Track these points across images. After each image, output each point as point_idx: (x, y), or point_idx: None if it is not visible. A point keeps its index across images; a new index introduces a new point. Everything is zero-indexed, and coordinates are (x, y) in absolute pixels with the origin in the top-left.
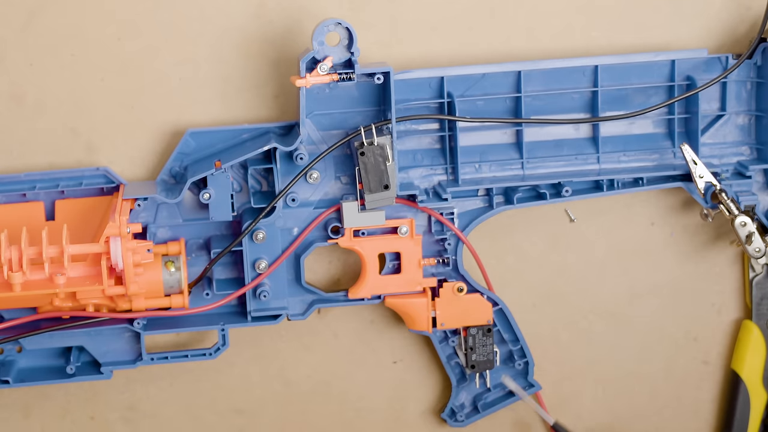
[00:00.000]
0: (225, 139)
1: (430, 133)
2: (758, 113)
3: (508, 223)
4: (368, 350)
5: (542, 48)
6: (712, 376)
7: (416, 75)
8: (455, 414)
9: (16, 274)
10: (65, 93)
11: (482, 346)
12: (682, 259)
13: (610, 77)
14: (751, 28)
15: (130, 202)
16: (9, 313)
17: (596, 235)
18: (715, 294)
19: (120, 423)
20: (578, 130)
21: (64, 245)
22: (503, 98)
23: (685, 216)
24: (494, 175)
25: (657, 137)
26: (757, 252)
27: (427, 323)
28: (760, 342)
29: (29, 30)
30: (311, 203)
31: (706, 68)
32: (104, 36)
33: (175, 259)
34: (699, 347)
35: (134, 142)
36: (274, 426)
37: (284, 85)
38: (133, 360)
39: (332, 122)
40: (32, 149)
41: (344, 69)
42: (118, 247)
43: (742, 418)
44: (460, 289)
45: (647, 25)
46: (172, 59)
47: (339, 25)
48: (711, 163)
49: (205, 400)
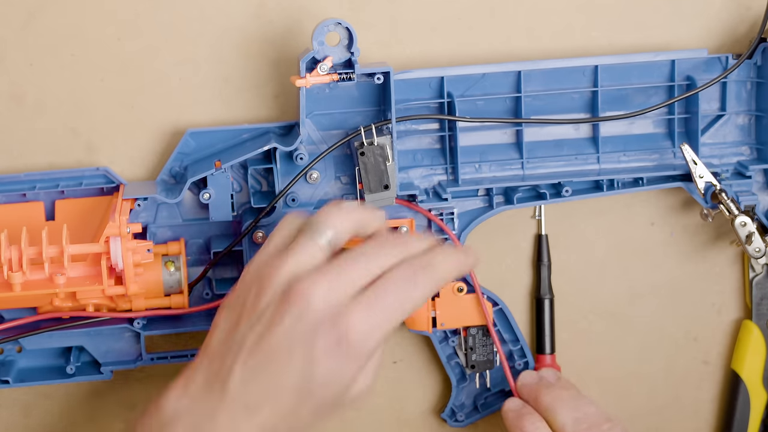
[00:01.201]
0: (225, 139)
1: (430, 133)
2: (758, 113)
3: (508, 223)
4: None
5: (542, 48)
6: (712, 376)
7: (416, 75)
8: (455, 414)
9: (16, 274)
10: (65, 93)
11: (482, 346)
12: (682, 259)
13: (610, 77)
14: (751, 28)
15: (130, 202)
16: (9, 313)
17: (596, 235)
18: (715, 294)
19: (120, 423)
20: (578, 130)
21: (64, 245)
22: (503, 98)
23: (685, 216)
24: (494, 175)
25: (657, 137)
26: (757, 252)
27: (427, 323)
28: (760, 342)
29: (29, 30)
30: (311, 203)
31: (706, 68)
32: (104, 36)
33: (175, 259)
34: (699, 347)
35: (134, 142)
36: None
37: (284, 85)
38: (133, 360)
39: (332, 122)
40: (32, 149)
41: (344, 69)
42: (118, 247)
43: (742, 418)
44: (460, 289)
45: (647, 25)
46: (172, 59)
47: (339, 25)
48: (711, 163)
49: None
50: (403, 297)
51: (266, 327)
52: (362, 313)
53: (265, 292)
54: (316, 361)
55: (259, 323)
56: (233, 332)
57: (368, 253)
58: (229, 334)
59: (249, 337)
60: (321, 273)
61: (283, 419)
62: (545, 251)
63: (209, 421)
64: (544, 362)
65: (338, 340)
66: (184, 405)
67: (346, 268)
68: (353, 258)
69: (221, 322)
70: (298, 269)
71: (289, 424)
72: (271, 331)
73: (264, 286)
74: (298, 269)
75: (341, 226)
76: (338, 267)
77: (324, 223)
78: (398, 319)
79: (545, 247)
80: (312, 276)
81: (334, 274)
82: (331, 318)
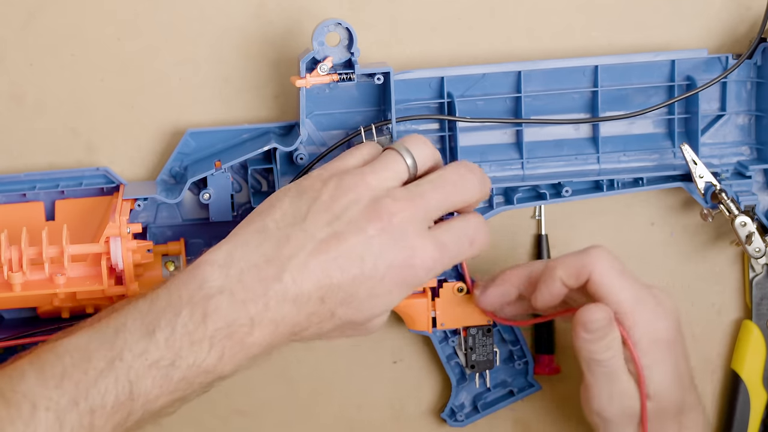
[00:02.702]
0: (225, 139)
1: (430, 133)
2: (758, 113)
3: (508, 223)
4: (368, 350)
5: (542, 48)
6: (712, 376)
7: (416, 75)
8: (455, 414)
9: (16, 274)
10: (65, 93)
11: (482, 346)
12: (682, 259)
13: (610, 77)
14: (751, 28)
15: (130, 202)
16: (9, 313)
17: (596, 235)
18: (715, 294)
19: None
20: (578, 130)
21: (64, 245)
22: (503, 98)
23: (685, 216)
24: (494, 175)
25: (657, 137)
26: (757, 252)
27: (427, 323)
28: (760, 342)
29: (29, 30)
30: None
31: (706, 68)
32: (104, 36)
33: (175, 259)
34: (699, 347)
35: (134, 142)
36: (276, 427)
37: (284, 85)
38: None
39: (332, 122)
40: (32, 149)
41: (344, 69)
42: (118, 247)
43: (742, 418)
44: (460, 289)
45: (647, 25)
46: (172, 59)
47: (339, 26)
48: (711, 163)
49: (206, 402)
50: (465, 242)
51: (346, 229)
52: (435, 251)
53: (346, 196)
54: (380, 276)
55: (339, 222)
56: (302, 221)
57: (451, 184)
58: (295, 219)
59: (324, 231)
60: (409, 198)
61: (319, 321)
62: (545, 251)
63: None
64: (544, 362)
65: (404, 264)
66: (232, 278)
67: (429, 200)
68: (436, 188)
69: (285, 205)
70: (385, 185)
71: (319, 328)
72: (350, 233)
73: (345, 190)
74: (384, 185)
75: (424, 154)
76: (423, 195)
77: (411, 147)
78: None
79: (545, 247)
80: (400, 199)
81: (419, 202)
82: (407, 243)
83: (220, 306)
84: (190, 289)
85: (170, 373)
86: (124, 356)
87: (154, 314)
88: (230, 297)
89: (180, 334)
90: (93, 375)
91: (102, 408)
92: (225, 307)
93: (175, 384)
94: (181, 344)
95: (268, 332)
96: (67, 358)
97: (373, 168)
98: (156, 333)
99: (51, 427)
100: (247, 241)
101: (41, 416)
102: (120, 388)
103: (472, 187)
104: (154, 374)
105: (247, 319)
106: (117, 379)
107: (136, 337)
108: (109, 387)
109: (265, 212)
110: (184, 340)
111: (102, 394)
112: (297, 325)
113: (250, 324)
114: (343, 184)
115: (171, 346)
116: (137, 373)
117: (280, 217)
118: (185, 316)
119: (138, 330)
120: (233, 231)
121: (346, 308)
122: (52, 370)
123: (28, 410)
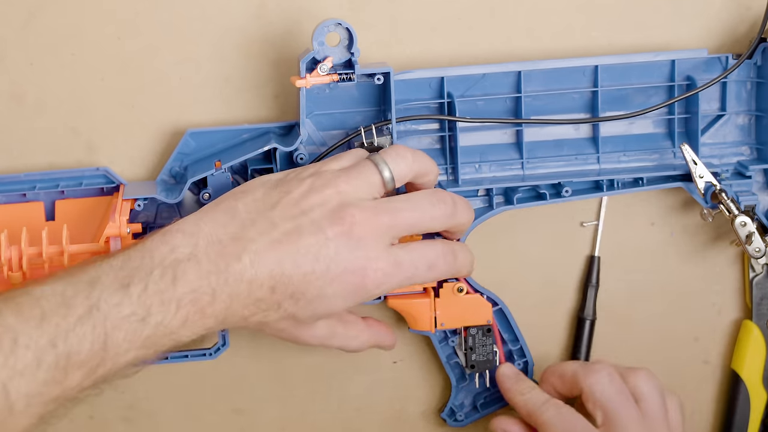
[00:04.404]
0: (225, 139)
1: (430, 133)
2: (758, 113)
3: (509, 223)
4: (368, 350)
5: (542, 48)
6: (712, 376)
7: (416, 75)
8: (455, 414)
9: (16, 274)
10: (65, 93)
11: (482, 346)
12: (682, 259)
13: (610, 77)
14: (751, 28)
15: (130, 202)
16: None
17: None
18: (715, 294)
19: (120, 423)
20: (578, 130)
21: (64, 245)
22: (503, 98)
23: (685, 216)
24: (494, 175)
25: (657, 137)
26: (757, 252)
27: (429, 323)
28: (760, 342)
29: (29, 30)
30: None
31: (706, 68)
32: (104, 35)
33: None
34: (699, 347)
35: (134, 142)
36: (274, 426)
37: (284, 85)
38: None
39: (332, 122)
40: (32, 149)
41: (344, 69)
42: (118, 247)
43: (742, 418)
44: (460, 289)
45: (647, 25)
46: (173, 59)
47: (339, 26)
48: (711, 163)
49: (205, 400)
50: (423, 266)
51: (307, 227)
52: (388, 267)
53: (316, 196)
54: (331, 279)
55: (303, 218)
56: (270, 210)
57: (420, 209)
58: (264, 207)
59: (287, 224)
60: (375, 211)
61: (266, 309)
62: (595, 272)
63: (218, 276)
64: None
65: (356, 272)
66: (200, 249)
67: (395, 217)
68: (405, 208)
69: (258, 193)
70: (356, 194)
71: (264, 316)
72: (310, 232)
73: (318, 190)
74: (355, 193)
75: (404, 168)
76: (391, 212)
77: (390, 160)
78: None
79: (596, 269)
80: (367, 210)
81: (384, 217)
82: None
83: (188, 271)
84: (162, 252)
85: (140, 329)
86: (101, 306)
87: (128, 271)
88: (197, 265)
89: (152, 291)
90: (72, 320)
91: (77, 354)
92: (192, 274)
93: (142, 341)
94: (152, 301)
95: (224, 307)
96: (44, 302)
97: (348, 175)
98: (130, 287)
99: (29, 365)
100: (215, 218)
101: (21, 353)
102: (95, 336)
103: (441, 216)
104: (126, 327)
105: (209, 289)
106: (94, 326)
107: (111, 290)
108: (87, 333)
109: (237, 195)
110: (155, 299)
111: (79, 339)
112: (246, 308)
113: (211, 294)
114: (316, 185)
115: (143, 303)
116: (113, 323)
117: (251, 202)
118: (157, 275)
119: (113, 284)
120: (203, 207)
121: (293, 303)
122: (30, 311)
123: (9, 344)
